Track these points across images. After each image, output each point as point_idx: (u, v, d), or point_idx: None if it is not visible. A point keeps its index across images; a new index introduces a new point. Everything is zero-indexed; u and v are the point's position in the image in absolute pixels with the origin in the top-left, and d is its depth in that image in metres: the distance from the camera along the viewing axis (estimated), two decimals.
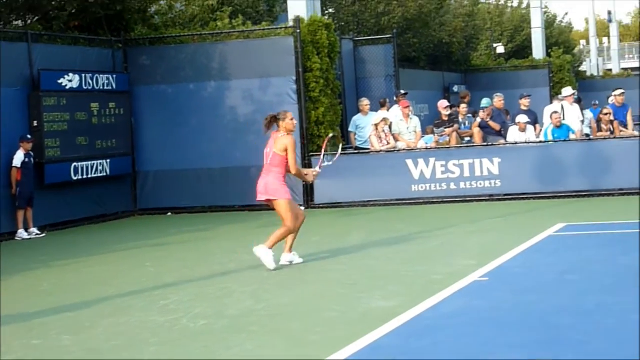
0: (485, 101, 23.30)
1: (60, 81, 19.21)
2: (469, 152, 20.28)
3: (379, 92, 25.61)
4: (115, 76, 20.81)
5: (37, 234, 18.16)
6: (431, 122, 24.28)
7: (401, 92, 23.28)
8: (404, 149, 20.84)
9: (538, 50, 40.92)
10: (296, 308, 10.10)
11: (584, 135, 22.13)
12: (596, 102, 34.04)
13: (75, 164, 19.49)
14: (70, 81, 19.46)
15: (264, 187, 12.82)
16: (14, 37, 18.91)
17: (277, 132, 12.85)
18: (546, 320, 8.71)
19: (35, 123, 18.67)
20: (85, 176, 19.77)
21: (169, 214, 21.35)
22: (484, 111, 22.36)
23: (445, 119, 22.30)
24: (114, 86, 20.72)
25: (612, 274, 11.09)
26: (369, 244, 14.70)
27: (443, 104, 22.81)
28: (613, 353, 7.53)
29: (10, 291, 12.05)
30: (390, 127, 21.22)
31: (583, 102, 26.18)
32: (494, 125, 22.02)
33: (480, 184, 19.93)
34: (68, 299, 11.34)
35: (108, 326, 9.65)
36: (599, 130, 22.29)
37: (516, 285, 10.71)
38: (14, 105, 18.37)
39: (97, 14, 21.15)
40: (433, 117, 25.66)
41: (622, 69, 72.91)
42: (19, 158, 17.99)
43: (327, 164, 13.49)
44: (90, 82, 20.01)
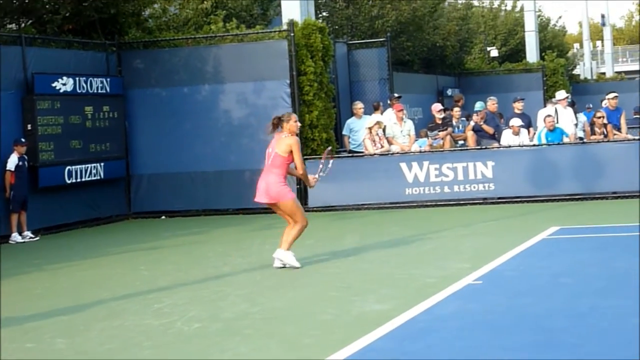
0: (479, 104, 23.33)
1: (54, 84, 19.20)
2: (463, 156, 20.29)
3: (372, 95, 25.61)
4: (109, 79, 20.80)
5: (31, 238, 18.14)
6: (425, 126, 24.29)
7: (395, 95, 23.29)
8: (397, 153, 20.85)
9: (532, 54, 40.97)
10: (290, 311, 10.11)
11: (577, 138, 22.15)
12: (590, 106, 34.15)
13: (69, 167, 19.48)
14: (64, 84, 19.45)
15: (265, 191, 12.81)
16: (7, 40, 18.89)
17: (281, 133, 12.89)
18: (540, 323, 8.73)
19: (29, 126, 18.66)
20: (79, 179, 19.76)
21: (163, 217, 21.33)
22: (478, 114, 22.39)
23: (439, 122, 22.31)
24: (108, 89, 20.70)
25: (605, 277, 11.10)
26: (363, 247, 14.71)
27: (437, 107, 22.83)
28: (607, 356, 7.54)
29: (4, 295, 12.03)
30: (384, 131, 21.23)
31: (577, 105, 26.21)
32: (488, 128, 22.05)
33: (474, 187, 19.95)
34: (62, 303, 11.33)
35: (102, 329, 9.65)
36: (593, 133, 22.32)
37: (510, 288, 10.72)
38: (8, 108, 18.34)
39: (91, 17, 21.14)
40: (427, 121, 25.68)
41: (616, 72, 73.08)
42: (12, 161, 17.96)
43: (321, 174, 13.50)
44: (84, 85, 20.00)
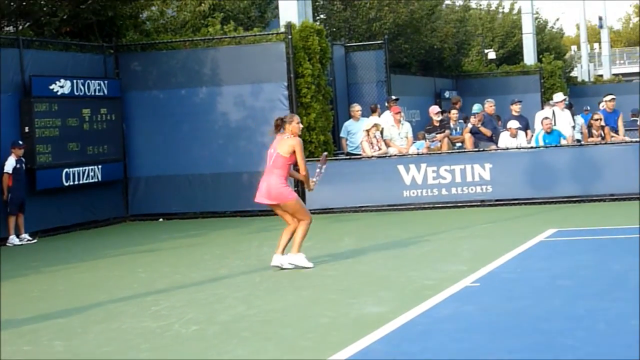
0: (476, 107, 23.34)
1: (51, 87, 19.20)
2: (461, 158, 20.29)
3: (370, 97, 25.63)
4: (106, 82, 20.79)
5: (29, 240, 18.12)
6: (422, 128, 24.30)
7: (392, 97, 23.30)
8: (395, 155, 20.85)
9: (529, 56, 40.97)
10: (288, 314, 10.10)
11: (575, 141, 22.16)
12: (587, 108, 34.17)
13: (66, 169, 19.47)
14: (62, 87, 19.45)
15: (267, 192, 12.83)
16: (5, 42, 18.88)
17: (283, 134, 12.90)
18: (538, 325, 8.72)
19: (27, 129, 18.66)
20: (76, 182, 19.75)
21: (161, 219, 21.33)
22: (475, 117, 22.39)
23: (437, 124, 22.33)
24: (106, 92, 20.69)
25: (603, 279, 11.11)
26: (360, 249, 14.71)
27: (434, 109, 22.83)
28: (605, 358, 7.54)
29: (2, 297, 12.02)
30: (381, 133, 21.24)
31: (574, 107, 26.23)
32: (485, 130, 22.05)
33: (472, 189, 19.95)
34: (59, 305, 11.32)
35: (99, 332, 9.64)
36: (590, 135, 22.32)
37: (508, 290, 10.72)
38: (5, 111, 18.33)
39: (88, 20, 21.14)
40: (424, 123, 25.68)
41: (613, 74, 73.09)
42: (10, 164, 17.96)
43: (318, 178, 13.50)
44: (82, 88, 19.99)
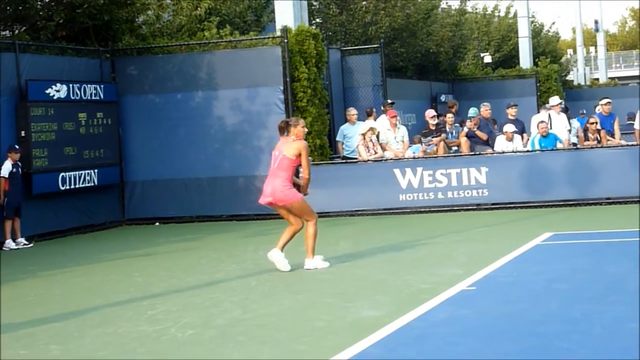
0: (472, 111, 23.36)
1: (47, 91, 19.19)
2: (457, 162, 20.29)
3: (366, 101, 25.63)
4: (102, 86, 20.79)
5: (25, 244, 18.12)
6: (418, 132, 24.31)
7: (388, 101, 23.31)
8: (391, 159, 20.86)
9: (525, 60, 41.01)
10: (284, 318, 10.10)
11: (571, 144, 22.18)
12: (583, 111, 34.12)
13: (62, 174, 19.47)
14: (58, 91, 19.44)
15: (272, 193, 12.93)
16: (1, 47, 18.84)
17: (287, 137, 12.96)
18: (534, 329, 8.73)
19: (23, 133, 18.66)
20: (73, 186, 19.75)
21: (157, 223, 21.32)
22: (471, 120, 22.40)
23: (433, 128, 22.34)
24: (102, 96, 20.69)
25: (599, 282, 11.12)
26: (356, 253, 14.70)
27: (430, 113, 22.84)
28: None
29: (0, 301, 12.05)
30: (377, 137, 21.25)
31: (570, 111, 26.26)
32: (481, 134, 22.06)
33: (468, 193, 19.96)
34: (56, 309, 11.32)
35: (96, 336, 9.64)
36: (586, 139, 22.35)
37: (504, 294, 10.73)
38: (2, 115, 18.31)
39: (84, 24, 21.15)
40: (420, 127, 25.70)
41: (609, 78, 73.14)
42: (6, 168, 17.95)
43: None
44: (78, 92, 19.99)
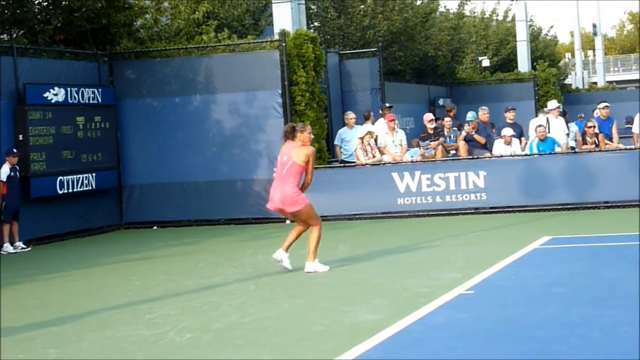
0: (470, 114, 23.37)
1: (45, 95, 19.19)
2: (455, 165, 20.30)
3: (364, 105, 25.64)
4: (100, 90, 20.78)
5: (23, 248, 18.10)
6: (417, 135, 24.32)
7: (386, 105, 23.32)
8: (389, 162, 20.86)
9: (523, 63, 41.04)
10: (282, 321, 10.09)
11: (569, 148, 22.18)
12: (581, 115, 34.20)
13: (60, 177, 19.45)
14: (56, 95, 19.44)
15: (281, 200, 13.02)
16: None
17: (293, 142, 12.97)
18: (532, 333, 8.73)
19: (21, 137, 18.64)
20: (70, 190, 19.74)
21: (155, 227, 21.31)
22: (470, 124, 22.41)
23: (431, 132, 22.34)
24: (100, 100, 20.69)
25: (597, 286, 11.12)
26: (354, 257, 14.70)
27: (428, 117, 22.85)
28: None
29: None
30: (375, 141, 21.24)
31: (568, 115, 26.27)
32: (479, 138, 22.07)
33: (466, 197, 19.95)
34: (54, 313, 11.31)
35: (94, 340, 9.63)
36: (584, 143, 22.36)
37: (502, 298, 10.72)
38: (0, 119, 18.32)
39: (82, 28, 21.15)
40: (418, 130, 25.71)
41: (607, 81, 73.17)
42: (4, 172, 17.93)
43: None
44: (76, 95, 19.99)
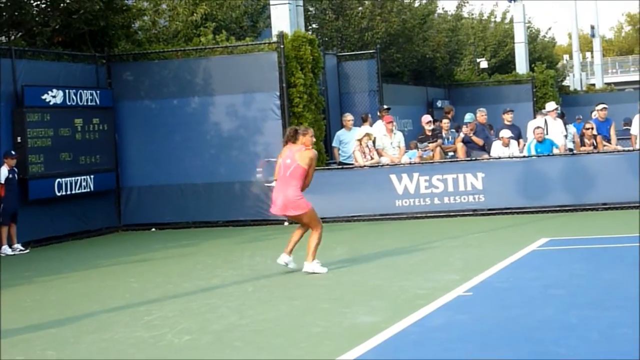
0: (468, 116, 23.36)
1: (43, 97, 19.18)
2: (453, 167, 20.30)
3: (362, 107, 25.64)
4: (99, 92, 20.78)
5: (21, 250, 18.09)
6: (415, 137, 24.30)
7: (384, 107, 23.32)
8: (387, 164, 20.86)
9: (521, 65, 41.04)
10: (280, 323, 10.09)
11: (567, 150, 22.19)
12: (580, 117, 34.19)
13: (59, 179, 19.45)
14: (54, 97, 19.43)
15: (284, 204, 13.16)
16: None
17: (295, 146, 13.08)
18: (530, 334, 8.73)
19: (19, 139, 18.63)
20: (69, 192, 19.73)
21: (153, 229, 21.31)
22: (468, 126, 22.40)
23: (429, 134, 22.35)
24: (98, 102, 20.68)
25: (596, 288, 11.12)
26: (353, 258, 14.70)
27: (426, 118, 22.85)
28: None
29: None
30: (374, 142, 21.25)
31: (566, 116, 26.27)
32: (477, 140, 22.07)
33: (464, 198, 19.96)
34: (52, 315, 11.31)
35: (92, 342, 9.63)
36: (582, 144, 22.35)
37: (500, 299, 10.73)
38: None
39: (80, 30, 21.14)
40: (417, 132, 25.70)
41: (605, 83, 73.14)
42: (2, 174, 17.91)
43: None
44: (74, 97, 19.98)
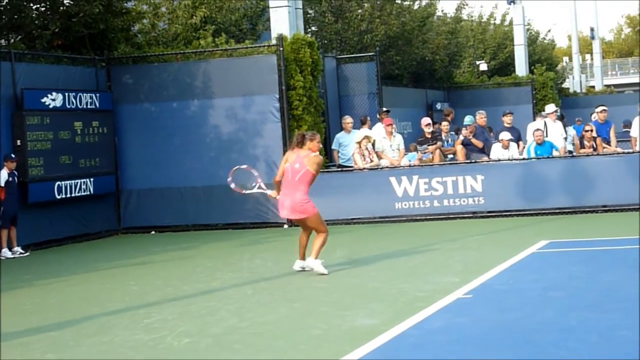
0: (468, 118, 23.36)
1: (43, 100, 19.19)
2: (452, 170, 20.31)
3: (362, 109, 25.64)
4: (98, 95, 20.79)
5: (21, 253, 18.09)
6: (414, 140, 24.30)
7: (384, 109, 23.32)
8: (387, 167, 20.87)
9: (521, 67, 41.06)
10: (280, 326, 10.09)
11: (567, 152, 22.19)
12: (579, 119, 34.19)
13: (58, 182, 19.45)
14: (54, 100, 19.44)
15: (291, 207, 13.36)
16: None
17: (302, 151, 13.29)
18: (530, 337, 8.73)
19: (19, 142, 18.64)
20: (68, 195, 19.73)
21: (153, 232, 21.30)
22: (467, 128, 22.40)
23: (428, 136, 22.34)
24: (97, 105, 20.69)
25: (595, 290, 11.12)
26: (352, 261, 14.70)
27: (426, 121, 22.85)
28: None
29: None
30: (373, 145, 21.25)
31: (566, 119, 26.29)
32: (477, 142, 22.07)
33: (464, 201, 19.96)
34: (51, 318, 11.31)
35: (92, 345, 9.63)
36: (582, 147, 22.35)
37: (500, 302, 10.72)
38: None
39: (80, 33, 21.15)
40: (416, 135, 25.70)
41: (605, 85, 73.20)
42: (2, 177, 17.91)
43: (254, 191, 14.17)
44: (74, 100, 19.99)
